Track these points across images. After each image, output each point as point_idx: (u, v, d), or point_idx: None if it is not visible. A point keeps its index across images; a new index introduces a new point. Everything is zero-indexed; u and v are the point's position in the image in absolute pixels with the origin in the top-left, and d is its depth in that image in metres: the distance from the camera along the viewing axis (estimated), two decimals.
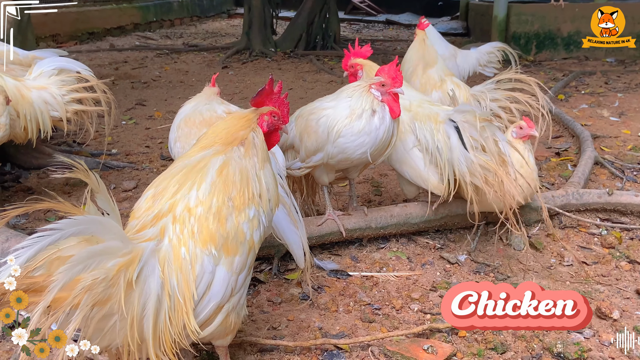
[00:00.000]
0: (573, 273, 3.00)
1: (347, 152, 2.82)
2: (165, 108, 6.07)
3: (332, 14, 10.25)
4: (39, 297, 1.45)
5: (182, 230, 1.75)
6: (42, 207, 1.51)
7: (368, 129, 2.76)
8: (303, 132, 2.92)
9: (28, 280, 1.45)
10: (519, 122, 3.14)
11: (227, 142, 1.89)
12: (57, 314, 1.47)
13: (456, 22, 13.05)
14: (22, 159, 4.26)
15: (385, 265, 3.06)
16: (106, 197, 1.62)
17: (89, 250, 1.49)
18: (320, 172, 3.04)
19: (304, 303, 2.71)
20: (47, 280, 1.45)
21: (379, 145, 2.80)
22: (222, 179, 1.82)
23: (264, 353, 2.33)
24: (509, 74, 4.09)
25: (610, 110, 5.99)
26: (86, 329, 1.54)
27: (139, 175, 4.25)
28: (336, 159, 2.87)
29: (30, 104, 3.36)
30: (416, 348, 2.32)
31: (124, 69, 8.20)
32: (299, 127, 2.95)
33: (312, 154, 2.91)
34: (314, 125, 2.86)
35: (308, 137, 2.89)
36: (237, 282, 1.85)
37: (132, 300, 1.60)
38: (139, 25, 12.71)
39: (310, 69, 8.57)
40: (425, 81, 4.34)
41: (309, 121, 2.89)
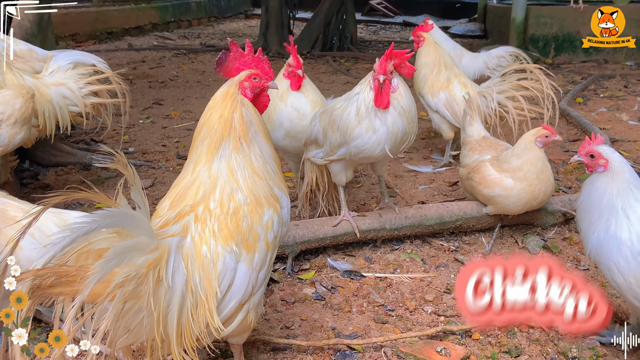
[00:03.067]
0: (590, 277, 2.97)
1: (367, 151, 2.83)
2: (182, 107, 6.11)
3: (349, 15, 10.24)
4: (70, 287, 1.47)
5: (204, 229, 1.77)
6: (80, 196, 1.53)
7: (373, 127, 2.76)
8: (327, 128, 2.95)
9: (61, 269, 1.47)
10: (540, 129, 3.10)
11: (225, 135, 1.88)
12: (93, 308, 1.49)
13: (474, 24, 12.95)
14: (40, 156, 4.31)
15: (399, 266, 3.06)
16: (139, 190, 1.64)
17: (122, 245, 1.51)
18: (339, 169, 3.05)
19: (318, 303, 2.71)
20: (79, 271, 1.47)
21: (395, 138, 2.78)
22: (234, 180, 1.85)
23: (277, 352, 2.33)
24: (513, 65, 4.12)
25: (630, 114, 5.92)
26: (116, 325, 1.55)
27: (156, 173, 4.28)
28: (358, 157, 2.89)
29: (49, 102, 3.39)
30: (429, 350, 2.31)
31: (141, 69, 8.26)
32: (323, 123, 2.99)
33: (337, 149, 2.94)
34: (337, 122, 2.88)
35: (332, 132, 2.91)
36: (257, 279, 1.86)
37: (159, 296, 1.61)
38: (157, 25, 12.80)
39: (327, 70, 8.58)
40: (433, 83, 4.35)
41: (333, 116, 2.92)
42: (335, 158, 2.98)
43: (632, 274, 2.07)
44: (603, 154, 2.22)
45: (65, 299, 1.48)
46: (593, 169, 2.24)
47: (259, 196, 1.87)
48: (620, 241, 2.09)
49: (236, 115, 1.90)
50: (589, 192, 2.23)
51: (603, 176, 2.19)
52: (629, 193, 2.14)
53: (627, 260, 2.07)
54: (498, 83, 4.23)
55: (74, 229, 1.42)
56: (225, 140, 1.88)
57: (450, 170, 4.44)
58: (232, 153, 1.88)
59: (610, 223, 2.12)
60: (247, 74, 1.97)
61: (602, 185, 2.18)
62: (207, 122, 1.91)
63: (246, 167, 1.88)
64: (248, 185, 1.86)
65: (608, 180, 2.18)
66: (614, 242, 2.11)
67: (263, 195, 1.88)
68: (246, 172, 1.88)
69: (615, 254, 2.10)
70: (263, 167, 1.92)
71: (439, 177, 4.33)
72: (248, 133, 1.91)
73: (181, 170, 1.98)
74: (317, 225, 3.08)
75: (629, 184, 2.15)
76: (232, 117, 1.89)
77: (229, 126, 1.88)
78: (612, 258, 2.11)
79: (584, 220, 2.24)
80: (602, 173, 2.20)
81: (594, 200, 2.19)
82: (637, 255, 2.06)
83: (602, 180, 2.19)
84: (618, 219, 2.11)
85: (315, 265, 3.04)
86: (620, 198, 2.13)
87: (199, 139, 1.91)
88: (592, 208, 2.19)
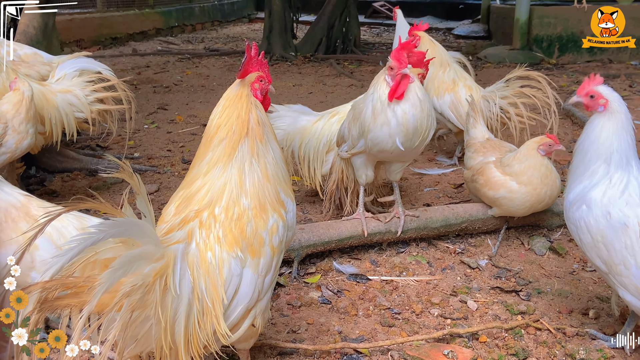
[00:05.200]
0: (596, 279, 2.96)
1: (381, 144, 2.88)
2: (187, 112, 6.12)
3: (352, 17, 10.24)
4: (77, 298, 1.47)
5: (209, 235, 1.77)
6: (85, 207, 1.53)
7: (386, 119, 2.81)
8: (351, 123, 3.08)
9: (68, 281, 1.47)
10: (543, 138, 3.09)
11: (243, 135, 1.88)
12: (101, 319, 1.50)
13: (477, 25, 12.94)
14: (46, 163, 4.32)
15: (405, 269, 3.05)
16: (145, 199, 1.64)
17: (128, 254, 1.51)
18: (360, 164, 3.15)
19: (324, 307, 2.71)
20: (86, 282, 1.47)
21: (406, 130, 2.81)
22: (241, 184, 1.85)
23: (283, 356, 2.34)
24: (518, 71, 4.14)
25: (635, 114, 5.89)
26: (124, 335, 1.55)
27: (161, 178, 4.29)
28: (375, 150, 2.95)
29: (55, 108, 3.41)
30: (436, 353, 2.31)
31: (146, 74, 8.28)
32: (349, 119, 3.14)
33: (357, 141, 3.04)
34: (358, 116, 2.99)
35: (354, 126, 3.04)
36: (263, 284, 1.86)
37: (166, 304, 1.61)
38: (161, 30, 12.83)
39: (331, 73, 8.58)
40: (439, 85, 4.35)
41: (356, 112, 3.04)
42: (356, 151, 3.07)
43: (600, 231, 2.16)
44: (603, 93, 2.23)
45: (72, 310, 1.49)
46: (593, 108, 2.25)
47: (264, 201, 1.87)
48: (592, 201, 2.18)
49: (252, 116, 1.90)
50: (587, 132, 2.25)
51: (602, 115, 2.22)
52: (623, 136, 2.20)
53: (596, 219, 2.17)
54: (502, 88, 4.23)
55: (80, 240, 1.43)
56: (242, 142, 1.87)
57: (455, 173, 4.44)
58: (248, 154, 1.87)
59: (595, 175, 2.20)
60: (256, 76, 1.96)
61: (600, 124, 2.21)
62: (227, 122, 1.88)
63: (258, 170, 1.88)
64: (255, 189, 1.86)
65: (606, 119, 2.21)
66: (588, 200, 2.19)
67: (268, 200, 1.88)
68: (256, 176, 1.87)
69: (585, 212, 2.20)
70: (273, 171, 1.92)
71: (444, 179, 4.33)
72: (263, 135, 1.91)
73: (191, 169, 1.94)
74: (323, 228, 3.09)
75: (624, 128, 2.20)
76: (249, 118, 1.89)
77: (247, 127, 1.88)
78: (584, 216, 2.20)
79: (580, 164, 2.26)
80: (601, 113, 2.22)
81: (592, 140, 2.22)
82: (606, 215, 2.15)
83: (600, 119, 2.22)
84: (604, 171, 2.19)
85: (321, 268, 3.04)
86: (617, 141, 2.19)
87: (216, 138, 1.88)
88: (587, 149, 2.23)
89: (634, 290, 2.15)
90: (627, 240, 2.11)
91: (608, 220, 2.15)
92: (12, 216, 2.19)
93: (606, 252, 2.17)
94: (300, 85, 7.73)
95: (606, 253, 2.17)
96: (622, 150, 2.20)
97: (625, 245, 2.11)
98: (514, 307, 2.69)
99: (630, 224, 2.11)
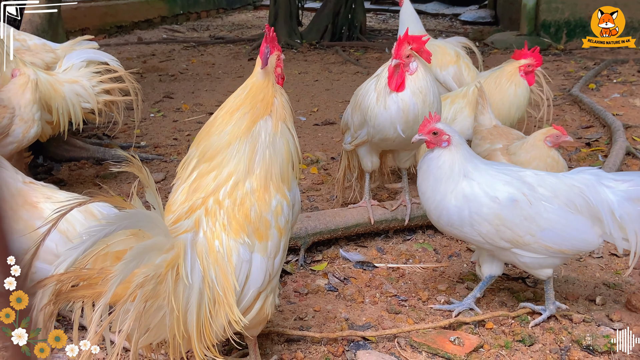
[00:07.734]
0: (603, 265, 2.95)
1: (383, 131, 2.88)
2: (193, 100, 6.12)
3: (358, 4, 10.18)
4: (92, 290, 1.49)
5: (215, 223, 1.78)
6: (96, 200, 1.55)
7: (386, 106, 2.82)
8: (353, 110, 3.07)
9: (83, 272, 1.49)
10: (551, 129, 3.07)
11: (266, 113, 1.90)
12: (116, 309, 1.51)
13: (484, 11, 12.84)
14: (54, 152, 4.34)
15: (411, 256, 3.06)
16: (154, 191, 1.64)
17: (140, 246, 1.52)
18: (364, 152, 3.14)
19: (331, 294, 2.72)
20: (100, 274, 1.49)
21: (406, 117, 2.81)
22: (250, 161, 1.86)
23: (290, 343, 2.35)
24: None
25: None
26: (138, 325, 1.57)
27: (167, 167, 4.31)
28: (377, 138, 2.95)
29: (62, 98, 3.43)
30: (443, 339, 2.32)
31: (151, 62, 8.28)
32: (351, 106, 3.12)
33: (359, 129, 3.04)
34: (359, 103, 3.00)
35: (355, 113, 3.04)
36: (273, 266, 1.88)
37: (178, 294, 1.63)
38: (166, 18, 12.81)
39: (336, 60, 8.55)
40: (442, 57, 4.35)
41: (357, 99, 3.04)
42: (359, 141, 3.06)
43: (497, 216, 2.30)
44: (445, 130, 2.39)
45: (86, 301, 1.51)
46: (436, 144, 2.40)
47: (267, 181, 1.86)
48: (476, 195, 2.32)
49: (277, 100, 1.93)
50: (438, 165, 2.38)
51: (448, 150, 2.39)
52: (471, 159, 2.41)
53: (489, 206, 2.30)
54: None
55: (93, 233, 1.44)
56: (263, 118, 1.89)
57: None
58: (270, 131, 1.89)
59: (463, 185, 2.35)
60: (276, 59, 1.96)
61: (450, 157, 2.38)
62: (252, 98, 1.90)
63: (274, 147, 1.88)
64: (265, 166, 1.86)
65: (453, 152, 2.39)
66: (472, 198, 2.32)
67: (273, 180, 1.88)
68: (268, 153, 1.87)
69: (475, 206, 2.31)
70: (286, 152, 1.92)
71: None
72: (287, 117, 1.94)
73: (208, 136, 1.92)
74: (329, 216, 3.09)
75: (469, 154, 2.43)
76: (274, 101, 1.93)
77: (270, 107, 1.91)
78: (474, 211, 2.32)
79: (437, 191, 2.39)
80: (446, 148, 2.39)
81: (445, 170, 2.37)
82: (494, 199, 2.30)
83: (447, 153, 2.39)
84: (468, 180, 2.35)
85: (327, 256, 3.05)
86: (469, 164, 2.39)
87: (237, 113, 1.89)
88: (444, 177, 2.37)
89: (544, 250, 2.33)
90: (523, 212, 2.28)
91: (498, 203, 2.30)
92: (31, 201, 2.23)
93: (509, 232, 2.31)
94: (305, 72, 7.71)
95: (510, 232, 2.31)
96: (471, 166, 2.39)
97: (523, 216, 2.28)
98: (520, 294, 2.69)
99: (518, 197, 2.29)
